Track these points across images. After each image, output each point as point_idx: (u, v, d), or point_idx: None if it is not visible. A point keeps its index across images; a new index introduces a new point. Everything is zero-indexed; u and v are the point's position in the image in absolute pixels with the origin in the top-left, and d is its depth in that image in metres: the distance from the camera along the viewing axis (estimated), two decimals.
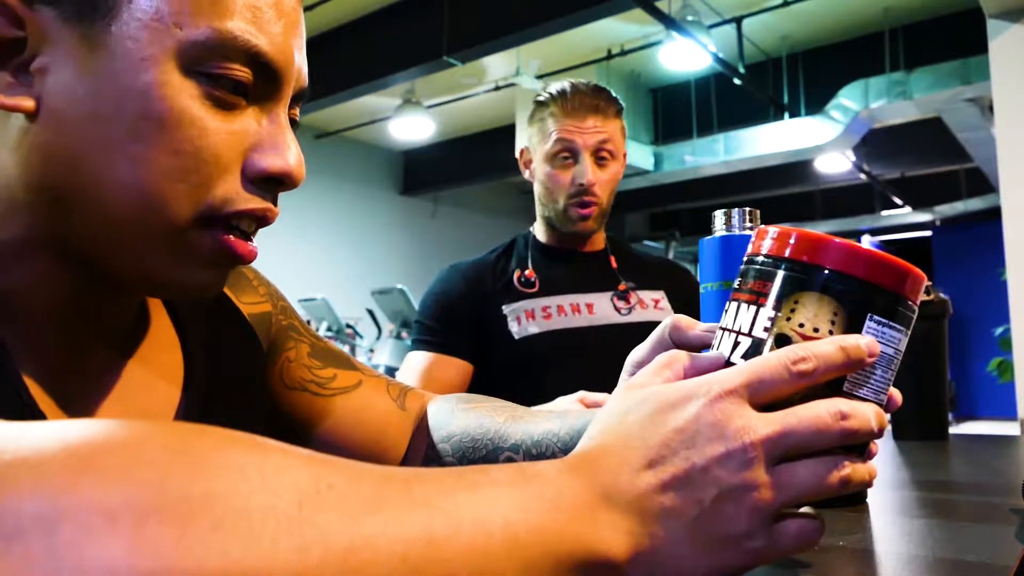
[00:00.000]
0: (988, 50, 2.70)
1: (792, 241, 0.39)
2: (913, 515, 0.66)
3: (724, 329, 0.41)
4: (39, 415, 0.46)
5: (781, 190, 8.71)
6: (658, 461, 0.34)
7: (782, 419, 0.35)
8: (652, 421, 0.36)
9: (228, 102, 0.46)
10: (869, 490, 0.72)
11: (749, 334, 0.39)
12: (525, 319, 1.36)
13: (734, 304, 0.41)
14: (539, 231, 1.48)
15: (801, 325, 0.38)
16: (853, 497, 0.70)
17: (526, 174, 1.48)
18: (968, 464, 1.04)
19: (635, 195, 8.58)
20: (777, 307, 0.38)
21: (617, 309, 1.40)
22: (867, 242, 10.49)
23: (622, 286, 1.43)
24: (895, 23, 6.14)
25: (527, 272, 1.41)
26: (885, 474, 0.91)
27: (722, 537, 0.34)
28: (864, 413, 0.36)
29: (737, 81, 5.83)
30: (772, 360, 0.36)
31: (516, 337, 1.34)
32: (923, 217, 9.64)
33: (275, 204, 0.50)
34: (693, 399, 0.36)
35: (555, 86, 1.42)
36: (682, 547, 0.34)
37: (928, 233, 10.39)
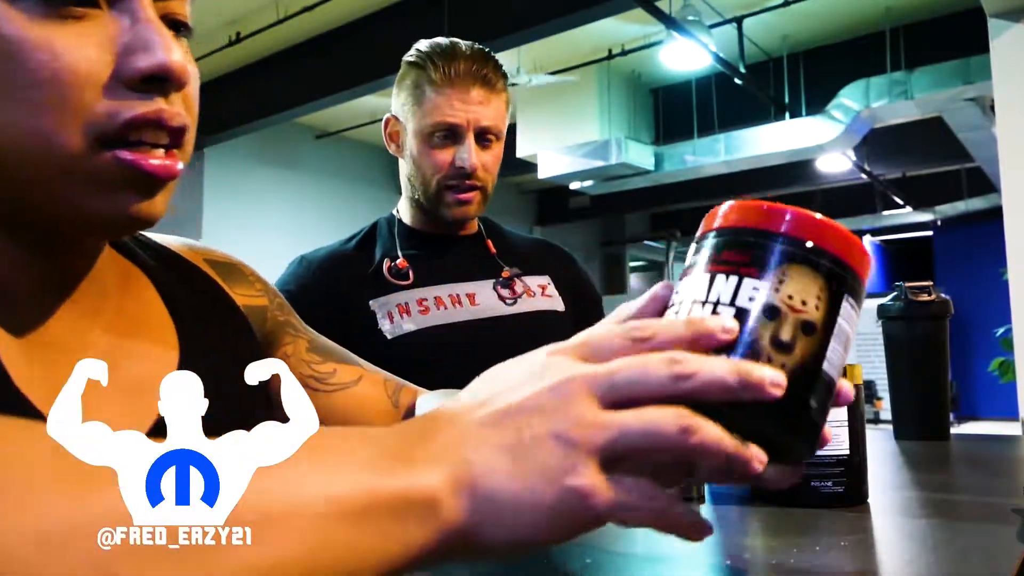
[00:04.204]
0: (989, 50, 2.70)
1: (788, 218, 0.39)
2: (914, 515, 0.66)
3: (698, 301, 0.39)
4: (10, 385, 0.45)
5: (782, 190, 8.70)
6: (479, 407, 0.35)
7: (609, 364, 0.35)
8: (484, 380, 0.37)
9: (76, 14, 0.44)
10: (870, 490, 0.72)
11: (732, 304, 0.38)
12: (398, 315, 1.17)
13: (707, 275, 0.39)
14: (406, 213, 1.29)
15: (790, 297, 0.38)
16: (854, 497, 0.70)
17: (392, 148, 1.27)
18: (969, 464, 1.05)
19: (635, 195, 8.57)
20: (769, 279, 0.38)
21: (502, 299, 1.22)
22: (867, 242, 10.48)
23: (505, 272, 1.25)
24: (896, 22, 6.13)
25: (398, 262, 1.21)
26: (886, 474, 0.91)
27: (541, 468, 0.32)
28: (709, 363, 0.34)
29: (738, 81, 5.83)
30: (604, 325, 0.39)
31: (389, 337, 1.14)
32: (924, 217, 9.64)
33: (170, 106, 0.47)
34: (527, 358, 0.37)
35: (431, 43, 1.21)
36: (501, 477, 0.32)
37: (929, 233, 10.39)
